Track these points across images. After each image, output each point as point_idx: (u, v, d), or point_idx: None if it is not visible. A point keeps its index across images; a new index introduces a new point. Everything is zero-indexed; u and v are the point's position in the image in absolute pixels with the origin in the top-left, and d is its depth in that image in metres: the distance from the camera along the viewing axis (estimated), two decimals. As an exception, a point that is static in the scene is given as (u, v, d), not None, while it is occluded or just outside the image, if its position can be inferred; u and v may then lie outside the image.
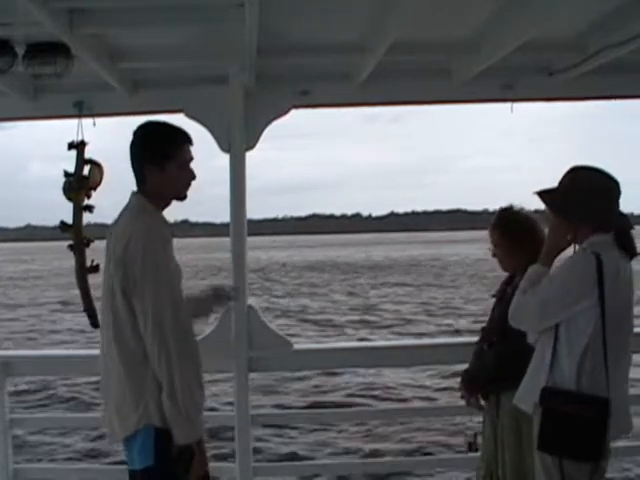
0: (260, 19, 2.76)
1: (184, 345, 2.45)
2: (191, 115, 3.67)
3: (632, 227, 2.66)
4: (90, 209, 3.69)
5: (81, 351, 8.49)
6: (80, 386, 10.87)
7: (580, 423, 2.46)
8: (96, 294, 3.27)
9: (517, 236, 3.14)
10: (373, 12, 2.98)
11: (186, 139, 2.68)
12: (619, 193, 2.66)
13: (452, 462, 5.02)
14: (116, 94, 3.69)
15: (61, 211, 3.71)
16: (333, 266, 50.88)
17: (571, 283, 2.56)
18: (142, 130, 2.68)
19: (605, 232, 2.61)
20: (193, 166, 2.69)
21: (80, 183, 3.63)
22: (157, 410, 2.43)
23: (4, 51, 2.77)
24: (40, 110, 3.86)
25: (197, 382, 2.49)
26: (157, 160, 2.60)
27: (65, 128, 4.00)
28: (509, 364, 3.03)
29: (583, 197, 2.62)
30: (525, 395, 2.68)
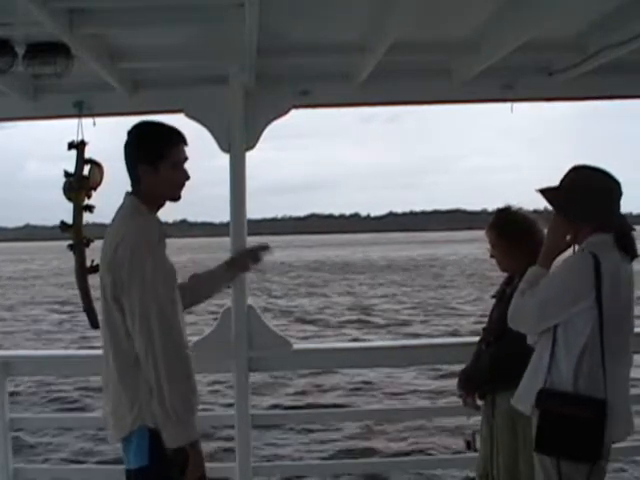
0: (260, 19, 2.76)
1: (172, 348, 2.42)
2: (191, 115, 3.68)
3: (633, 229, 2.66)
4: (90, 209, 3.68)
5: (81, 351, 8.49)
6: (79, 386, 10.90)
7: (577, 424, 2.46)
8: (96, 294, 3.27)
9: (514, 236, 3.13)
10: (373, 12, 2.97)
11: (181, 139, 2.67)
12: (620, 194, 2.65)
13: (452, 462, 5.03)
14: (116, 94, 3.69)
15: (60, 211, 3.71)
16: (332, 266, 50.89)
17: (569, 284, 2.56)
18: (137, 130, 2.67)
19: (605, 232, 2.60)
20: (190, 166, 2.69)
21: (80, 183, 3.62)
22: (150, 411, 2.43)
23: (4, 51, 2.77)
24: (40, 110, 3.86)
25: (187, 385, 2.46)
26: (151, 160, 2.58)
27: (64, 128, 4.00)
28: (503, 366, 3.03)
29: (584, 196, 2.61)
30: (523, 396, 2.67)
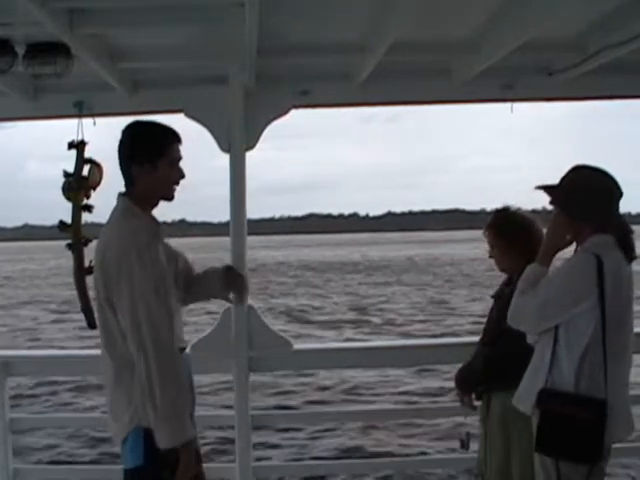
0: (260, 19, 2.76)
1: (161, 349, 2.41)
2: (191, 115, 3.68)
3: (632, 231, 2.66)
4: (89, 209, 3.68)
5: (81, 351, 8.45)
6: (79, 386, 10.89)
7: (577, 425, 2.46)
8: (94, 294, 3.26)
9: (513, 236, 3.13)
10: (373, 12, 2.97)
11: (176, 138, 2.67)
12: (620, 194, 2.65)
13: (451, 462, 5.02)
14: (116, 94, 3.69)
15: (59, 210, 3.71)
16: (329, 265, 50.89)
17: (571, 284, 2.56)
18: (133, 129, 2.67)
19: (605, 233, 2.61)
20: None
21: (79, 183, 3.62)
22: (145, 412, 2.43)
23: (4, 51, 2.76)
24: (40, 110, 3.86)
25: (178, 386, 2.45)
26: (150, 158, 2.58)
27: (64, 128, 4.00)
28: (498, 366, 3.04)
29: (584, 196, 2.62)
30: (524, 396, 2.67)
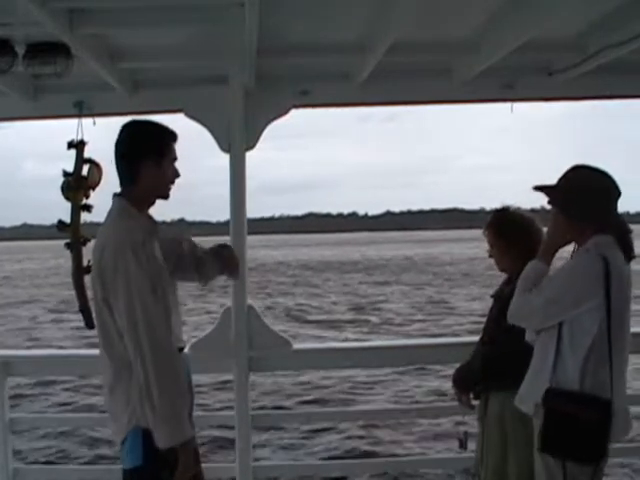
0: (260, 19, 2.76)
1: (159, 349, 2.40)
2: (191, 115, 3.68)
3: (631, 231, 2.66)
4: (88, 209, 3.68)
5: (81, 351, 8.47)
6: (79, 385, 10.88)
7: (582, 425, 2.45)
8: (92, 294, 3.26)
9: (512, 236, 3.13)
10: (373, 12, 2.97)
11: (173, 137, 2.66)
12: (619, 194, 2.65)
13: (449, 462, 5.02)
14: (116, 94, 3.69)
15: (58, 210, 3.70)
16: (328, 265, 50.88)
17: (577, 283, 2.55)
18: (133, 128, 2.65)
19: (604, 233, 2.60)
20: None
21: (79, 182, 3.62)
22: (143, 412, 2.42)
23: (4, 51, 2.76)
24: (40, 110, 3.86)
25: (176, 385, 2.45)
26: (155, 157, 2.57)
27: (62, 127, 3.99)
28: (496, 366, 3.03)
29: (583, 196, 2.61)
30: (526, 396, 2.65)
